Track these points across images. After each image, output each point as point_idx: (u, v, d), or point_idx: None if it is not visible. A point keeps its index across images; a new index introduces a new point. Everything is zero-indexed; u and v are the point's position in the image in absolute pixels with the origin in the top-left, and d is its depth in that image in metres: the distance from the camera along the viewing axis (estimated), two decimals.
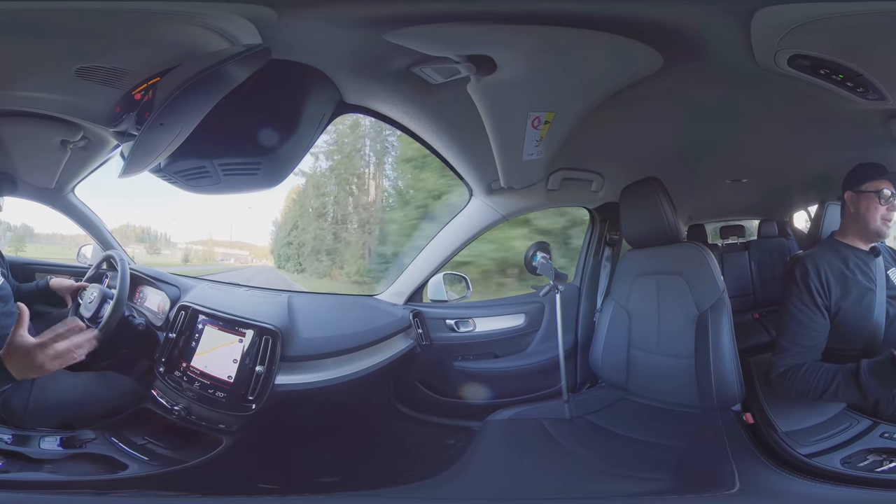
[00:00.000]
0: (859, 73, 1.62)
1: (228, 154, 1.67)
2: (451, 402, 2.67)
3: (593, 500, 1.72)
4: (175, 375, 2.07)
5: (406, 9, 1.40)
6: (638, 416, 2.21)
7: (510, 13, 1.39)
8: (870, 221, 1.87)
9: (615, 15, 1.42)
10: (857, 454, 1.66)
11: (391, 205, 5.93)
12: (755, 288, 4.33)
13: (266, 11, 1.34)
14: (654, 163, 2.50)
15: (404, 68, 1.66)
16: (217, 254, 7.29)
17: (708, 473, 1.70)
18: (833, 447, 1.70)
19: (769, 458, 1.73)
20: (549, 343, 2.69)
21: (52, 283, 2.34)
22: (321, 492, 1.75)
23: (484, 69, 1.55)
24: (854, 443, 1.71)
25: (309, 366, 2.09)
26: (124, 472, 1.74)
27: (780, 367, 1.83)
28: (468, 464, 1.97)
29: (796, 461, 1.69)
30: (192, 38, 1.41)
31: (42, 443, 1.75)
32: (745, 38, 1.49)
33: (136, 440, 1.90)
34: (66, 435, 1.82)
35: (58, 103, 1.73)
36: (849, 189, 1.93)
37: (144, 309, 2.44)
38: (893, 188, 1.86)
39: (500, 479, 1.87)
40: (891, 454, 1.64)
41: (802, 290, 1.84)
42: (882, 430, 1.73)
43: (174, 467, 1.81)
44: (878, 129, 2.16)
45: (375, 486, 1.76)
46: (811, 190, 3.83)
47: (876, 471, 1.61)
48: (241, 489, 1.74)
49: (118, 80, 1.52)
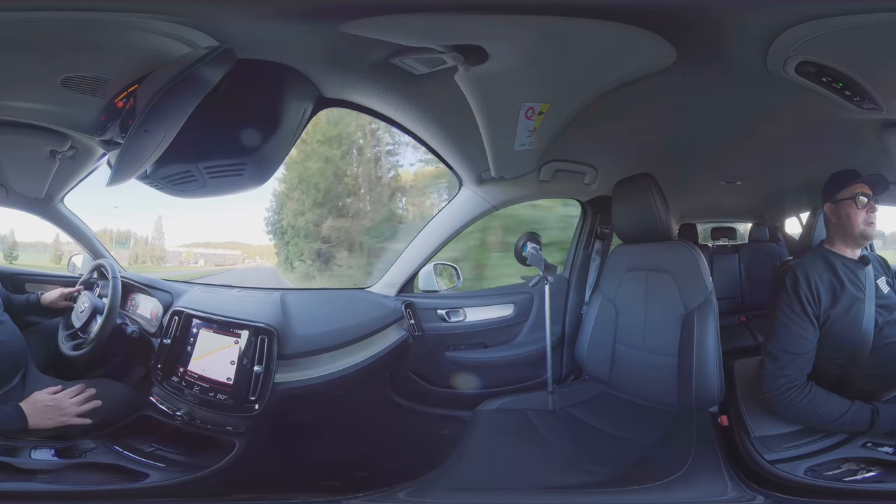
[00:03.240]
0: (858, 82, 1.63)
1: (213, 156, 1.67)
2: (443, 391, 2.70)
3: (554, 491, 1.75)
4: (173, 381, 2.06)
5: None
6: (616, 410, 2.22)
7: (512, 4, 1.36)
8: (853, 227, 1.87)
9: (639, 4, 1.39)
10: (829, 463, 1.66)
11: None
12: (743, 291, 4.37)
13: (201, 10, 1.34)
14: (649, 158, 2.49)
15: (382, 59, 1.62)
16: (181, 253, 7.28)
17: (665, 472, 1.71)
18: (805, 455, 1.71)
19: (731, 462, 1.75)
20: (537, 334, 2.70)
21: (43, 300, 2.36)
22: (334, 491, 1.76)
23: (473, 59, 1.51)
24: (830, 451, 1.71)
25: (306, 362, 2.08)
26: (146, 480, 1.75)
27: (773, 380, 1.80)
28: (461, 456, 1.99)
29: (757, 467, 1.70)
30: (154, 45, 1.42)
31: (34, 453, 1.72)
32: (766, 42, 1.49)
33: (143, 447, 1.90)
34: (62, 445, 1.80)
35: (46, 113, 1.73)
36: (827, 201, 1.95)
37: (137, 316, 2.43)
38: (869, 190, 1.87)
39: (490, 471, 1.90)
40: (871, 464, 1.64)
41: (792, 298, 1.83)
42: (864, 440, 1.72)
43: (198, 473, 1.82)
44: (872, 139, 2.16)
45: (383, 481, 1.79)
46: (804, 196, 3.84)
47: (845, 480, 1.61)
48: (263, 491, 1.78)
49: (100, 89, 1.53)
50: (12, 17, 1.27)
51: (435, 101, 1.89)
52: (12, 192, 2.52)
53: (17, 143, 2.09)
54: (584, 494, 1.74)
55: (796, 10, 1.35)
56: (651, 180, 2.25)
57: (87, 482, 1.71)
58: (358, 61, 1.65)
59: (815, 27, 1.38)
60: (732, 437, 1.89)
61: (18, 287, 2.61)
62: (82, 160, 2.36)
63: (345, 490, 1.75)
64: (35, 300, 2.36)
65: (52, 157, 2.25)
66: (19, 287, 2.62)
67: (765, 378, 1.83)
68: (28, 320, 2.34)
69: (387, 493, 1.74)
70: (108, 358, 2.26)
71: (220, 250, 7.90)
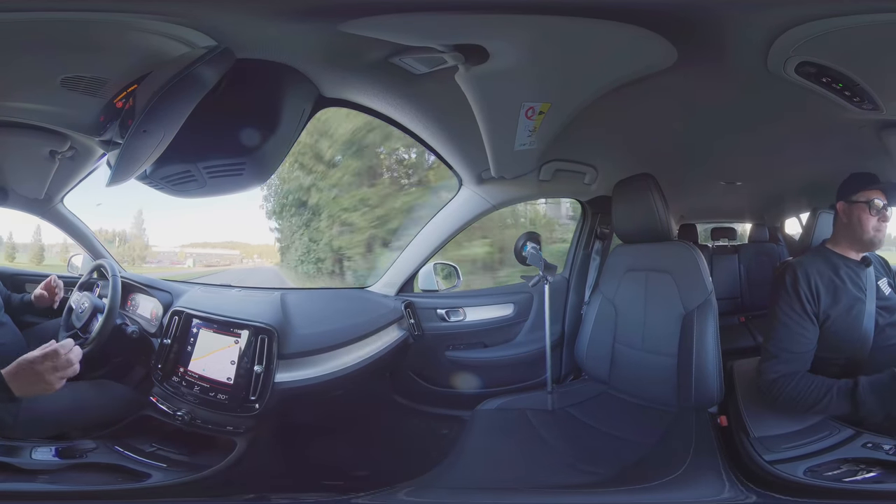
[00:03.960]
0: (857, 82, 1.62)
1: (213, 156, 1.67)
2: (443, 391, 2.71)
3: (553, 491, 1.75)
4: (173, 381, 2.06)
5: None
6: (616, 410, 2.22)
7: (513, 3, 1.35)
8: (862, 231, 1.87)
9: (640, 4, 1.39)
10: (829, 464, 1.65)
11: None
12: (743, 291, 4.37)
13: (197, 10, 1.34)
14: (650, 159, 2.49)
15: (381, 59, 1.61)
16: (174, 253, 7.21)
17: (664, 472, 1.70)
18: (805, 455, 1.69)
19: (730, 463, 1.74)
20: (537, 333, 2.70)
21: (34, 298, 2.36)
22: (336, 490, 1.76)
23: (474, 58, 1.51)
24: (830, 452, 1.70)
25: (306, 361, 2.08)
26: (148, 480, 1.74)
27: (769, 374, 1.82)
28: (461, 456, 1.99)
29: (756, 467, 1.70)
30: (153, 46, 1.41)
31: (34, 453, 1.71)
32: (767, 43, 1.48)
33: (144, 447, 1.90)
34: (63, 445, 1.79)
35: (46, 114, 1.73)
36: (841, 199, 1.93)
37: (137, 316, 2.43)
38: (884, 198, 1.86)
39: (489, 470, 1.90)
40: (871, 464, 1.63)
41: (792, 296, 1.83)
42: (865, 440, 1.70)
43: (199, 473, 1.81)
44: (871, 140, 2.16)
45: (383, 481, 1.78)
46: (804, 197, 3.85)
47: (844, 480, 1.60)
48: (265, 490, 1.77)
49: (99, 90, 1.53)
50: (14, 18, 1.27)
51: (435, 100, 1.89)
52: (12, 193, 2.53)
53: (18, 144, 2.09)
54: (583, 494, 1.74)
55: (797, 11, 1.35)
56: (651, 180, 2.25)
57: (87, 482, 1.70)
58: (357, 61, 1.65)
59: (816, 27, 1.38)
60: (731, 437, 1.88)
61: (18, 287, 2.61)
62: (82, 160, 2.37)
63: (346, 489, 1.76)
64: (28, 300, 2.36)
65: (51, 158, 2.26)
66: (19, 287, 2.62)
67: (762, 375, 1.84)
68: (27, 321, 2.35)
69: (387, 492, 1.73)
70: (108, 358, 2.26)
71: (217, 250, 7.86)
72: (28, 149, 2.16)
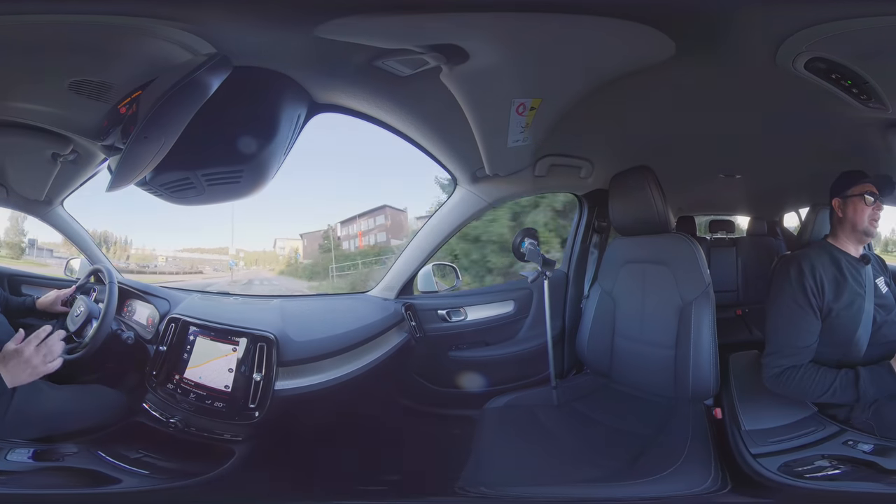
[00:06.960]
0: (867, 80, 1.63)
1: (210, 164, 1.67)
2: (448, 391, 2.70)
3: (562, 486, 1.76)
4: (168, 388, 2.06)
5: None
6: (617, 403, 2.23)
7: (493, 2, 1.35)
8: (858, 223, 1.92)
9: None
10: (803, 460, 1.69)
11: None
12: (740, 284, 4.36)
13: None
14: (647, 151, 2.48)
15: (365, 63, 1.61)
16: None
17: (662, 466, 1.73)
18: (785, 450, 1.73)
19: (720, 456, 1.77)
20: (538, 329, 2.70)
21: (39, 304, 2.36)
22: (344, 497, 1.77)
23: (454, 58, 1.50)
24: (810, 448, 1.74)
25: (307, 369, 2.09)
26: (117, 485, 1.71)
27: (773, 369, 1.84)
28: (476, 456, 1.99)
29: (741, 460, 1.73)
30: (157, 51, 1.43)
31: (11, 455, 1.69)
32: (779, 38, 1.49)
33: (129, 454, 1.86)
34: (41, 448, 1.76)
35: (51, 116, 1.76)
36: (836, 196, 1.99)
37: (133, 322, 2.42)
38: (875, 190, 1.92)
39: (506, 469, 1.91)
40: (844, 462, 1.67)
41: (797, 289, 1.85)
42: (847, 438, 1.75)
43: (188, 481, 1.80)
44: (875, 139, 2.17)
45: (398, 487, 1.81)
46: (804, 192, 3.84)
47: (813, 476, 1.63)
48: (265, 497, 1.77)
49: (105, 94, 1.56)
50: (27, 20, 1.29)
51: (425, 101, 1.88)
52: (13, 194, 2.53)
53: (20, 146, 2.10)
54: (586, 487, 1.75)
55: (816, 13, 1.36)
56: (648, 173, 2.26)
57: (61, 486, 1.68)
58: (342, 65, 1.65)
59: (835, 26, 1.39)
60: (725, 429, 1.91)
61: (15, 288, 2.62)
62: (83, 164, 2.37)
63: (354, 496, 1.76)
64: (31, 303, 2.36)
65: (53, 160, 2.26)
66: (16, 288, 2.63)
67: (766, 370, 1.86)
68: (23, 322, 2.30)
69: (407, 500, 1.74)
70: (102, 363, 2.22)
71: (209, 255, 7.72)
72: (31, 150, 2.17)
